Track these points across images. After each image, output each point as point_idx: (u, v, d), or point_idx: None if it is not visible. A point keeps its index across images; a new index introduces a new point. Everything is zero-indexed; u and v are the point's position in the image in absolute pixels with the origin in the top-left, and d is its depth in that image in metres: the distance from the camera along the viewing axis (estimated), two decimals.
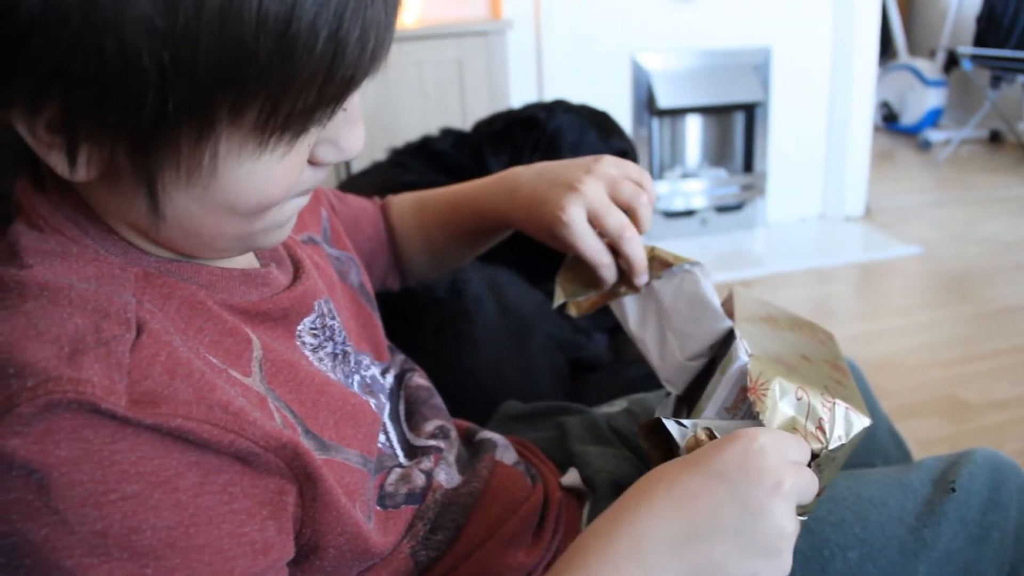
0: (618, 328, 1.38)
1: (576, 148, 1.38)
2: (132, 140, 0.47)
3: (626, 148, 1.44)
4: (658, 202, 0.84)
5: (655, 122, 3.44)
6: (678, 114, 3.53)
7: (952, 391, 2.17)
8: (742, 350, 0.66)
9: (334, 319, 0.68)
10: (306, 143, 0.53)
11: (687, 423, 0.61)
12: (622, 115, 3.30)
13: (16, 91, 0.45)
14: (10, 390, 0.44)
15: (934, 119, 5.25)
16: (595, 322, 1.31)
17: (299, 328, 0.64)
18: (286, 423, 0.54)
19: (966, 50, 4.66)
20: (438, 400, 0.80)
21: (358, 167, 1.69)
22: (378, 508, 0.63)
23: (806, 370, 0.66)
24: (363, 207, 0.94)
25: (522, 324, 1.17)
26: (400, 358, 0.84)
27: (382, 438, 0.69)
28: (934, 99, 5.18)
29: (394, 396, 0.77)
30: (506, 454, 0.78)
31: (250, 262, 0.65)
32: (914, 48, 5.64)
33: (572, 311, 0.79)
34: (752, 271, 3.20)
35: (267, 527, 0.50)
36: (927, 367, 2.31)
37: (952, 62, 4.98)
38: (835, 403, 0.61)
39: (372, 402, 0.67)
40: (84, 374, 0.44)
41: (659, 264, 0.75)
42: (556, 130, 1.41)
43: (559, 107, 1.48)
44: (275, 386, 0.57)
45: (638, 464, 0.83)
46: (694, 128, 3.64)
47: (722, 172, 3.62)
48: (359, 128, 0.57)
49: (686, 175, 3.60)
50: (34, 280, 0.49)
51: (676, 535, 0.51)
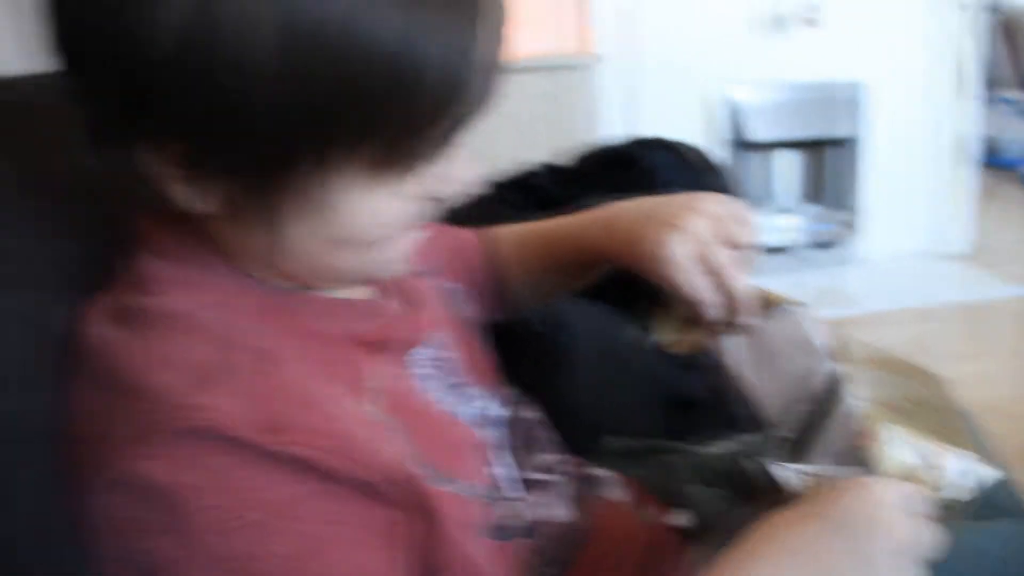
0: (715, 365, 1.36)
1: (672, 186, 1.36)
2: (252, 175, 0.49)
3: (723, 187, 1.43)
4: None
5: (746, 156, 3.40)
6: (769, 148, 3.49)
7: None
8: (851, 394, 0.65)
9: (447, 350, 0.69)
10: (419, 178, 0.54)
11: (796, 468, 0.60)
12: (713, 149, 3.27)
13: (146, 126, 0.48)
14: (142, 415, 0.46)
15: None
16: (691, 358, 1.29)
17: (413, 358, 0.65)
18: (400, 453, 0.55)
19: None
20: (550, 433, 0.80)
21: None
22: (489, 540, 0.63)
23: (917, 416, 0.64)
24: (467, 239, 0.95)
25: (620, 359, 1.17)
26: (509, 391, 0.84)
27: (493, 470, 0.69)
28: None
29: (504, 428, 0.77)
30: (615, 490, 0.78)
31: (366, 292, 0.66)
32: (1017, 81, 5.47)
33: (672, 349, 0.78)
34: (848, 309, 3.13)
35: (381, 557, 0.51)
36: None
37: None
38: (950, 451, 0.60)
39: (483, 434, 0.68)
40: (212, 401, 0.46)
41: (763, 304, 0.74)
42: (652, 167, 1.40)
43: (656, 144, 1.47)
44: (393, 415, 0.57)
45: (744, 507, 0.82)
46: (787, 163, 3.59)
47: (816, 208, 3.55)
48: (471, 162, 0.58)
49: (779, 211, 3.55)
50: (162, 308, 0.52)
51: None
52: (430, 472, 0.57)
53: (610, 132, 3.05)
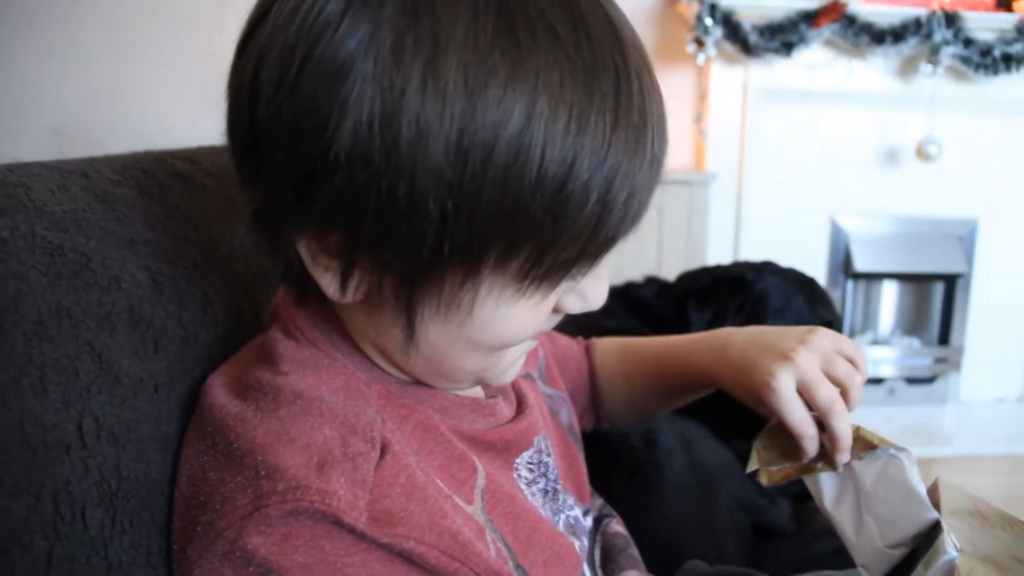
0: (802, 496, 1.34)
1: (781, 313, 1.36)
2: (403, 274, 0.50)
3: (832, 319, 1.41)
4: None
5: (849, 285, 3.37)
6: (874, 279, 3.44)
7: None
8: (950, 544, 0.63)
9: (549, 456, 0.70)
10: (557, 292, 0.55)
11: None
12: (817, 275, 3.23)
13: (311, 214, 0.49)
14: (260, 490, 0.46)
15: None
16: (780, 488, 1.27)
17: (517, 461, 0.65)
18: (499, 555, 0.54)
19: None
20: (634, 551, 0.79)
21: None
22: None
23: (1021, 573, 0.63)
24: (569, 346, 0.96)
25: (710, 481, 1.16)
26: (599, 502, 0.84)
27: None
28: None
29: (592, 540, 0.76)
30: None
31: (478, 392, 0.67)
32: None
33: (764, 479, 0.77)
34: (940, 449, 3.02)
35: None
36: None
37: None
38: None
39: (576, 544, 0.68)
40: (331, 486, 0.46)
41: (863, 444, 0.72)
42: (763, 293, 1.40)
43: (768, 269, 1.46)
44: (494, 517, 0.57)
45: None
46: (890, 294, 3.52)
47: (915, 342, 3.47)
48: (605, 282, 0.59)
49: (877, 342, 3.48)
50: (289, 387, 0.53)
51: None
52: None
53: (717, 250, 3.07)
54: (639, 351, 0.95)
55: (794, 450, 0.75)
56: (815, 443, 0.73)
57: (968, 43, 2.90)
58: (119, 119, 2.89)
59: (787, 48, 2.82)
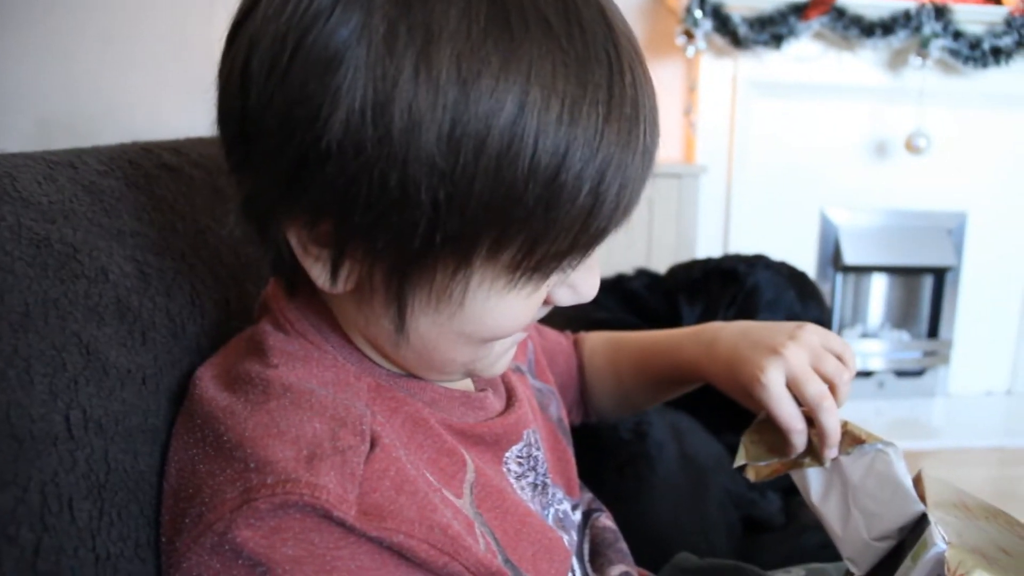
0: (792, 490, 1.34)
1: (773, 307, 1.35)
2: (393, 264, 0.50)
3: (822, 314, 1.40)
4: None
5: (839, 277, 3.38)
6: (863, 272, 3.45)
7: None
8: (939, 537, 0.63)
9: (539, 450, 0.69)
10: (548, 284, 0.55)
11: None
12: (806, 268, 3.25)
13: (302, 203, 0.49)
14: (250, 483, 0.46)
15: None
16: (770, 481, 1.28)
17: (507, 455, 0.65)
18: (488, 549, 0.54)
19: None
20: (623, 545, 0.79)
21: None
22: None
23: (1007, 564, 0.62)
24: (559, 340, 0.96)
25: (700, 474, 1.16)
26: (588, 496, 0.84)
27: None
28: None
29: (581, 534, 0.77)
30: None
31: (468, 385, 0.67)
32: None
33: (751, 475, 0.77)
34: (928, 442, 3.03)
35: None
36: None
37: None
38: None
39: (565, 538, 0.68)
40: (320, 480, 0.46)
41: (850, 439, 0.73)
42: (754, 286, 1.40)
43: (760, 263, 1.46)
44: (483, 511, 0.57)
45: None
46: (879, 287, 3.54)
47: (905, 335, 3.49)
48: (596, 274, 0.59)
49: (866, 335, 3.49)
50: (279, 380, 0.52)
51: None
52: (513, 571, 0.57)
53: (706, 242, 3.07)
54: (627, 345, 0.95)
55: (782, 445, 0.75)
56: (803, 438, 0.73)
57: (957, 36, 2.90)
58: (107, 111, 2.88)
59: (776, 41, 2.83)
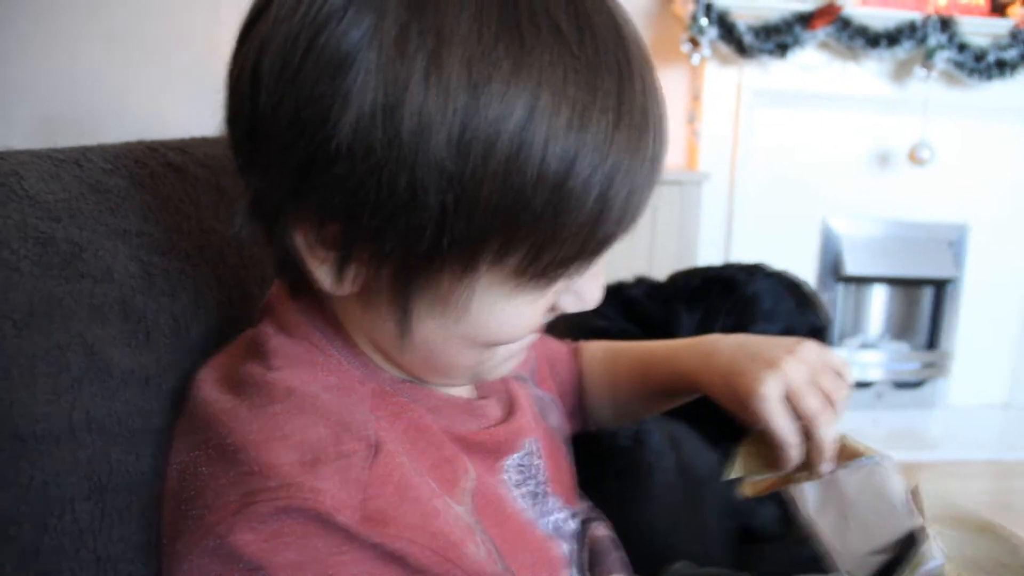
0: (791, 504, 1.34)
1: (771, 316, 1.34)
2: (400, 267, 0.50)
3: (822, 325, 1.39)
4: None
5: (839, 288, 3.38)
6: (864, 282, 3.45)
7: None
8: (936, 551, 0.64)
9: (539, 458, 0.69)
10: (554, 290, 0.55)
11: None
12: (808, 277, 3.25)
13: (309, 205, 0.49)
14: (250, 487, 0.46)
15: None
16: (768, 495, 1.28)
17: (507, 463, 0.65)
18: (488, 557, 0.54)
19: None
20: (621, 553, 0.79)
21: None
22: None
23: None
24: (559, 349, 0.96)
25: (698, 483, 1.16)
26: (586, 505, 0.83)
27: None
28: None
29: (579, 543, 0.76)
30: None
31: (470, 393, 0.67)
32: None
33: (747, 490, 0.77)
34: (925, 454, 3.03)
35: None
36: None
37: None
38: None
39: (564, 546, 0.68)
40: (323, 484, 0.46)
41: (846, 453, 0.73)
42: (753, 295, 1.39)
43: (759, 272, 1.45)
44: (482, 518, 0.57)
45: None
46: (879, 298, 3.54)
47: (904, 346, 3.49)
48: (601, 282, 0.59)
49: (866, 345, 3.49)
50: (282, 383, 0.52)
51: None
52: None
53: (708, 250, 3.07)
54: (625, 355, 0.95)
55: (776, 459, 0.75)
56: (799, 452, 0.73)
57: (962, 48, 2.91)
58: (110, 109, 2.88)
59: (782, 50, 2.83)
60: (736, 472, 0.77)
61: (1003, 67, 2.93)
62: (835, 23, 2.85)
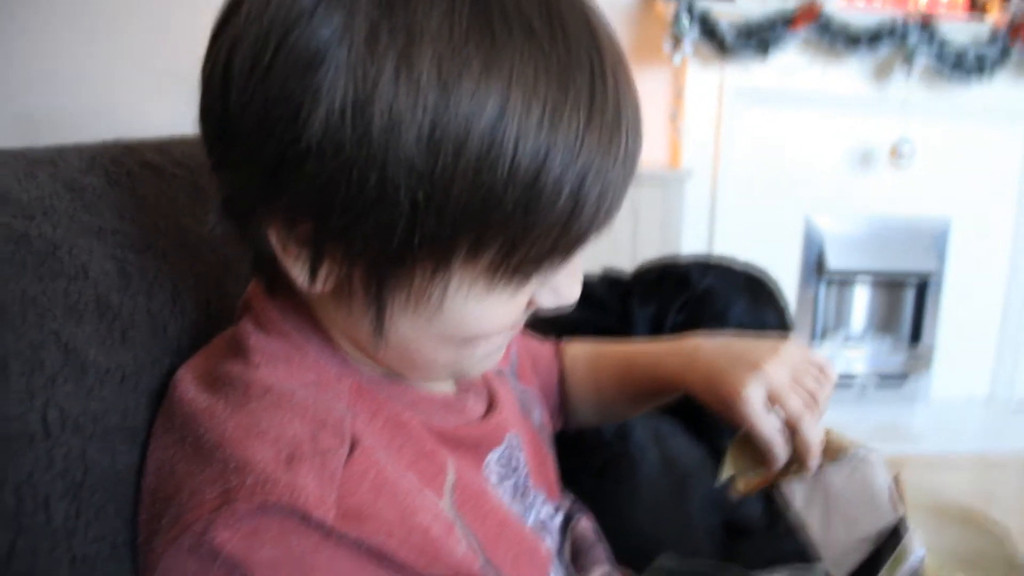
0: (776, 499, 1.34)
1: (721, 317, 1.31)
2: (372, 264, 0.50)
3: (778, 322, 1.36)
4: None
5: (822, 284, 3.39)
6: (847, 278, 3.47)
7: None
8: (917, 543, 0.64)
9: (520, 453, 0.70)
10: (530, 287, 0.55)
11: None
12: (790, 274, 3.27)
13: (281, 203, 0.49)
14: (229, 484, 0.46)
15: None
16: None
17: (488, 458, 0.65)
18: (469, 552, 0.54)
19: None
20: (604, 546, 0.79)
21: None
22: None
23: (984, 568, 0.63)
24: (540, 347, 0.96)
25: (682, 478, 1.16)
26: (568, 499, 0.84)
27: None
28: None
29: (562, 537, 0.76)
30: None
31: (450, 388, 0.67)
32: None
33: (739, 487, 0.78)
34: (910, 447, 3.05)
35: None
36: None
37: None
38: None
39: (547, 540, 0.68)
40: (300, 481, 0.46)
41: (832, 448, 0.74)
42: (706, 291, 1.38)
43: (716, 268, 1.44)
44: (463, 513, 0.57)
45: None
46: (862, 294, 3.55)
47: (887, 341, 3.50)
48: (578, 278, 0.59)
49: (849, 341, 3.51)
50: (260, 381, 0.52)
51: None
52: (494, 574, 0.57)
53: (691, 248, 3.08)
54: (608, 356, 0.96)
55: (765, 457, 0.76)
56: (785, 451, 0.74)
57: (942, 48, 2.92)
58: (93, 108, 2.85)
59: (763, 49, 2.83)
60: (727, 472, 0.78)
61: (982, 67, 2.94)
62: (816, 23, 2.86)
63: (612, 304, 1.46)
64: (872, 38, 2.88)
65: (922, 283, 3.41)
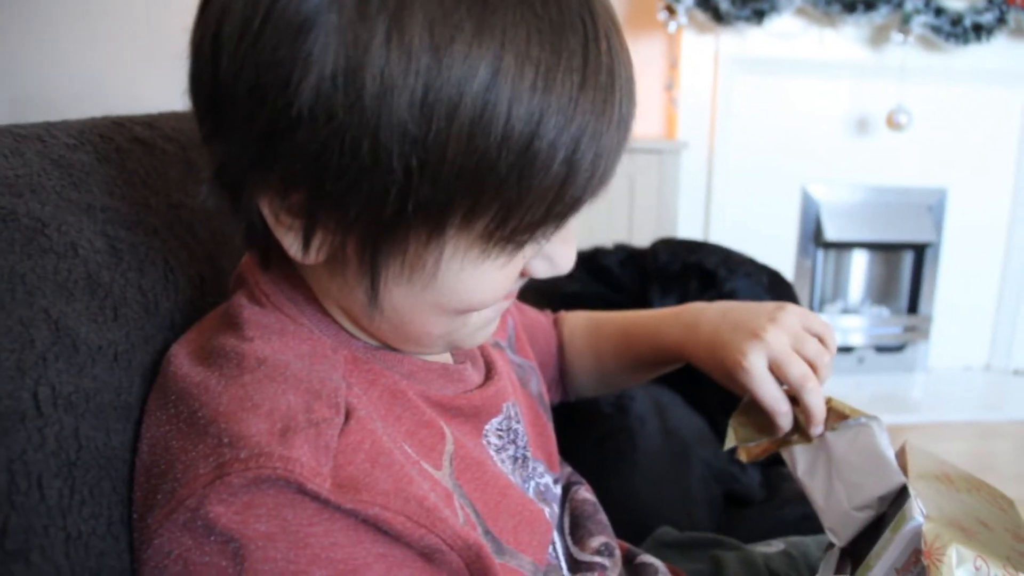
0: (771, 464, 1.35)
1: None
2: (366, 233, 0.49)
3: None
4: None
5: (820, 254, 3.39)
6: (844, 248, 3.47)
7: None
8: (917, 510, 0.64)
9: (519, 423, 0.69)
10: (524, 255, 0.54)
11: None
12: (788, 244, 3.27)
13: (273, 173, 0.48)
14: (223, 458, 0.46)
15: None
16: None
17: (486, 427, 0.65)
18: (468, 521, 0.54)
19: None
20: (603, 516, 0.79)
21: None
22: None
23: (986, 537, 0.63)
24: (538, 318, 0.96)
25: (682, 449, 1.16)
26: (568, 470, 0.84)
27: (549, 549, 0.69)
28: None
29: (561, 507, 0.77)
30: None
31: (447, 358, 0.66)
32: None
33: (743, 456, 0.78)
34: (908, 416, 3.07)
35: None
36: None
37: None
38: None
39: (546, 510, 0.68)
40: (294, 453, 0.46)
41: (835, 415, 0.74)
42: (731, 292, 1.38)
43: (741, 268, 1.44)
44: (462, 482, 0.57)
45: None
46: (859, 263, 3.56)
47: (885, 311, 3.51)
48: (572, 246, 0.59)
49: (847, 311, 3.51)
50: (253, 353, 0.52)
51: None
52: (494, 543, 0.57)
53: (688, 219, 3.08)
54: (608, 325, 0.95)
55: (769, 425, 0.76)
56: (789, 418, 0.74)
57: (939, 12, 2.91)
58: (85, 90, 2.83)
59: (758, 16, 2.82)
60: (730, 442, 0.78)
61: (979, 31, 2.93)
62: None
63: (627, 283, 1.46)
64: (868, 3, 2.87)
65: (919, 252, 3.41)
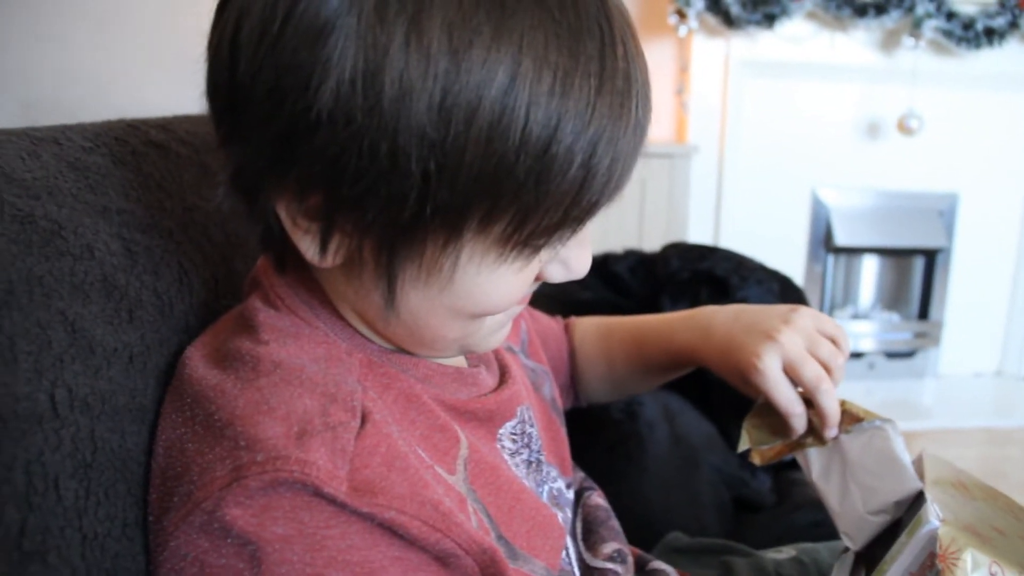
0: (782, 468, 1.35)
1: None
2: (383, 236, 0.49)
3: None
4: None
5: (830, 259, 3.38)
6: (855, 253, 3.46)
7: None
8: (933, 514, 0.64)
9: (532, 427, 0.69)
10: (540, 259, 0.54)
11: None
12: (798, 249, 3.26)
13: (291, 176, 0.49)
14: (239, 461, 0.46)
15: None
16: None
17: (500, 431, 0.65)
18: (481, 526, 0.54)
19: None
20: (615, 523, 0.79)
21: None
22: None
23: (1001, 544, 0.63)
24: (549, 324, 0.96)
25: (691, 454, 1.16)
26: (580, 475, 0.84)
27: (562, 554, 0.68)
28: None
29: (573, 512, 0.77)
30: None
31: (461, 362, 0.66)
32: None
33: (756, 459, 0.78)
34: (918, 423, 3.06)
35: None
36: None
37: None
38: None
39: (559, 515, 0.68)
40: (311, 456, 0.46)
41: (849, 418, 0.73)
42: (743, 300, 1.34)
43: (753, 275, 1.43)
44: (476, 487, 0.57)
45: None
46: (870, 269, 3.55)
47: (895, 316, 3.50)
48: (587, 251, 0.59)
49: (857, 316, 3.50)
50: (269, 356, 0.52)
51: None
52: (507, 548, 0.57)
53: (698, 223, 3.07)
54: (619, 330, 0.95)
55: (783, 427, 0.76)
56: (803, 420, 0.74)
57: (951, 16, 2.90)
58: (95, 94, 2.84)
59: (769, 20, 2.81)
60: (744, 444, 0.78)
61: (991, 35, 2.92)
62: None
63: (638, 290, 1.46)
64: (879, 7, 2.86)
65: (930, 258, 3.40)
